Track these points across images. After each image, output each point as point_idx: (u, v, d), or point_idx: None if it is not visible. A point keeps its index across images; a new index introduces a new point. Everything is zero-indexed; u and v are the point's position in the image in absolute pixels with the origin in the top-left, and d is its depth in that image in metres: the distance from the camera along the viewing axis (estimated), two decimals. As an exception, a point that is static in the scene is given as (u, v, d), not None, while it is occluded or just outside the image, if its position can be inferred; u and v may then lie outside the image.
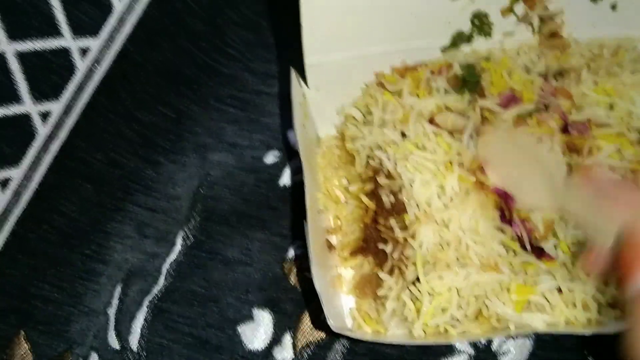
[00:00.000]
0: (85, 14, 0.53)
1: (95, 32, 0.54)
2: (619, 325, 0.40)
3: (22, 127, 0.52)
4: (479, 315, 0.47)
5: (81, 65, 0.54)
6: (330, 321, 0.44)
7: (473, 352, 0.50)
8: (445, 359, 0.50)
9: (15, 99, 0.52)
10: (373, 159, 0.52)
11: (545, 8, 0.55)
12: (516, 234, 0.46)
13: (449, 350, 0.50)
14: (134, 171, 0.59)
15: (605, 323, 0.45)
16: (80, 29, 0.53)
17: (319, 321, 0.53)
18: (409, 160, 0.49)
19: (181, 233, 0.57)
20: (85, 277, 0.56)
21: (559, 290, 0.46)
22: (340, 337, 0.51)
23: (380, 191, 0.51)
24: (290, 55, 0.64)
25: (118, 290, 0.55)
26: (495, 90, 0.52)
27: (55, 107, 0.54)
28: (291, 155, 0.60)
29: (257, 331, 0.53)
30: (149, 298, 0.54)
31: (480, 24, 0.55)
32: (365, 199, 0.52)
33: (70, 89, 0.54)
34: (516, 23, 0.56)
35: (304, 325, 0.53)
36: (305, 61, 0.52)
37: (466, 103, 0.52)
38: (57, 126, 0.54)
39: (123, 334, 0.53)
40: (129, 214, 0.58)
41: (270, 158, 0.60)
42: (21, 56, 0.51)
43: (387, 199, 0.50)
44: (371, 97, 0.56)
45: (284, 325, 0.53)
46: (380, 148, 0.51)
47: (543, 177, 0.46)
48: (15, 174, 0.53)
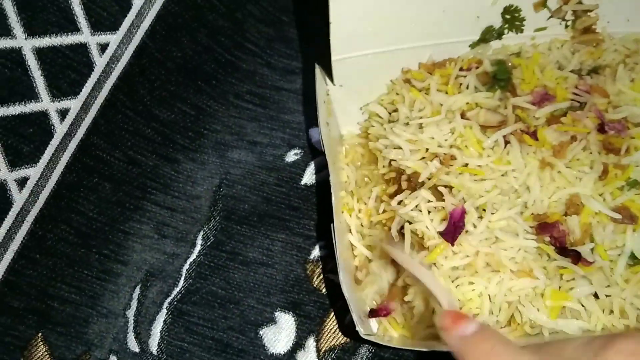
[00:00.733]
0: (104, 9, 0.52)
1: (114, 28, 0.53)
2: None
3: (40, 125, 0.51)
4: (512, 321, 0.45)
5: (99, 62, 0.53)
6: (360, 328, 0.43)
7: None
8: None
9: (33, 96, 0.50)
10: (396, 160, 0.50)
11: (579, 2, 0.53)
12: (552, 237, 0.44)
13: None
14: (153, 169, 0.57)
15: (644, 330, 0.43)
16: (99, 25, 0.52)
17: (343, 324, 0.52)
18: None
19: (201, 233, 0.56)
20: (103, 278, 0.55)
21: (596, 296, 0.44)
22: (366, 341, 0.50)
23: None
24: (312, 50, 0.63)
25: (137, 291, 0.54)
26: (526, 88, 0.51)
27: (73, 105, 0.52)
28: (313, 154, 0.58)
29: (280, 334, 0.51)
30: (169, 300, 0.53)
31: (512, 18, 0.53)
32: (388, 201, 0.51)
33: (88, 85, 0.53)
34: (548, 18, 0.54)
35: (328, 328, 0.52)
36: (332, 57, 0.50)
37: (497, 100, 0.50)
38: (75, 124, 0.53)
39: (142, 337, 0.52)
40: (148, 213, 0.57)
41: (292, 156, 0.58)
42: (39, 52, 0.50)
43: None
44: (397, 94, 0.54)
45: (307, 328, 0.51)
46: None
47: None
48: (33, 172, 0.51)
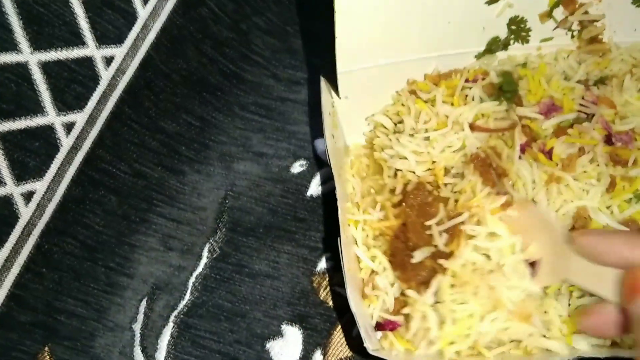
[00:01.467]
0: (110, 22, 0.52)
1: (119, 41, 0.53)
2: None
3: (46, 139, 0.51)
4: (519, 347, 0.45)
5: (105, 75, 0.53)
6: (367, 344, 0.42)
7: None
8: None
9: (39, 110, 0.50)
10: (402, 170, 0.50)
11: (585, 12, 0.52)
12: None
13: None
14: (158, 182, 0.57)
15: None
16: (104, 38, 0.52)
17: (351, 337, 0.51)
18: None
19: (207, 245, 0.56)
20: (109, 291, 0.55)
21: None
22: (373, 357, 0.50)
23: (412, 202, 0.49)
24: (317, 62, 0.63)
25: (143, 304, 0.54)
26: (533, 99, 0.50)
27: (79, 118, 0.52)
28: (319, 165, 0.58)
29: (287, 348, 0.51)
30: (175, 313, 0.53)
31: (517, 29, 0.53)
32: (393, 211, 0.50)
33: (94, 99, 0.53)
34: (553, 28, 0.54)
35: (335, 341, 0.52)
36: (338, 69, 0.50)
37: (504, 110, 0.50)
38: (81, 137, 0.53)
39: (149, 351, 0.52)
40: (154, 226, 0.57)
41: (297, 168, 0.58)
42: (44, 66, 0.50)
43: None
44: (402, 105, 0.54)
45: (314, 341, 0.51)
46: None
47: (546, 243, 0.44)
48: (39, 186, 0.51)
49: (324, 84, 0.53)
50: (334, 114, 0.54)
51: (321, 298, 0.53)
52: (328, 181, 0.57)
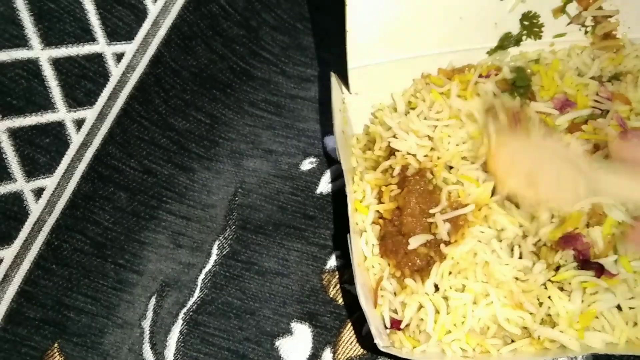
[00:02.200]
0: (120, 18, 0.52)
1: (130, 37, 0.53)
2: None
3: (56, 135, 0.51)
4: (531, 340, 0.44)
5: (115, 71, 0.53)
6: (378, 341, 0.42)
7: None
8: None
9: (50, 106, 0.50)
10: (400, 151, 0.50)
11: (599, 8, 0.52)
12: (575, 249, 0.43)
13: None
14: (168, 179, 0.57)
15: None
16: (114, 34, 0.52)
17: (360, 335, 0.51)
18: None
19: (217, 242, 0.55)
20: (119, 288, 0.54)
21: (619, 308, 0.43)
22: (384, 353, 0.49)
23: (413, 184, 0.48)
24: (327, 57, 0.62)
25: (153, 301, 0.54)
26: (546, 95, 0.50)
27: (89, 114, 0.52)
28: (329, 162, 0.58)
29: (296, 346, 0.51)
30: (184, 310, 0.53)
31: (530, 25, 0.52)
32: (388, 194, 0.49)
33: (104, 95, 0.53)
34: (567, 24, 0.53)
35: (345, 339, 0.51)
36: (349, 65, 0.50)
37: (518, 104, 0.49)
38: (91, 134, 0.53)
39: (158, 348, 0.52)
40: (163, 223, 0.57)
41: (307, 165, 0.58)
42: (55, 63, 0.50)
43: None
44: (415, 97, 0.53)
45: (323, 339, 0.51)
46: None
47: (566, 169, 0.44)
48: (50, 182, 0.51)
49: (334, 80, 0.52)
50: (344, 111, 0.54)
51: (331, 296, 0.53)
52: (338, 178, 0.56)
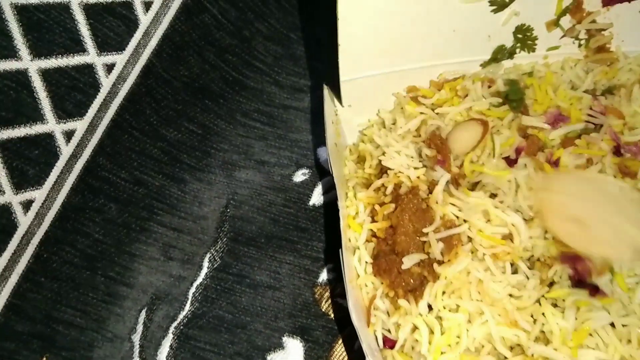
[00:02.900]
0: (111, 29, 0.51)
1: (120, 48, 0.52)
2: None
3: (46, 147, 0.50)
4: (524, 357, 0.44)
5: (106, 82, 0.52)
6: (370, 359, 0.41)
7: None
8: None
9: (39, 118, 0.50)
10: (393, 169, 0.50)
11: (593, 21, 0.51)
12: (574, 269, 0.43)
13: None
14: (159, 190, 0.57)
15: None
16: (105, 45, 0.51)
17: (352, 350, 0.51)
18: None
19: (208, 255, 0.55)
20: (109, 301, 0.54)
21: (612, 325, 0.43)
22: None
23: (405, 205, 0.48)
24: (320, 68, 0.62)
25: (143, 315, 0.53)
26: (539, 108, 0.50)
27: (79, 126, 0.52)
28: (321, 174, 0.57)
29: (288, 361, 0.50)
30: (175, 324, 0.52)
31: (524, 37, 0.52)
32: (382, 213, 0.49)
33: (94, 106, 0.52)
34: (560, 37, 0.53)
35: (337, 354, 0.51)
36: (341, 77, 0.50)
37: (509, 119, 0.49)
38: (81, 145, 0.52)
39: (148, 362, 0.51)
40: (154, 235, 0.56)
41: (300, 176, 0.58)
42: (44, 74, 0.49)
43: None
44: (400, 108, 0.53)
45: (315, 354, 0.50)
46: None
47: (620, 217, 0.42)
48: (38, 195, 0.51)
49: (327, 93, 0.52)
50: (337, 123, 0.54)
51: (323, 310, 0.52)
52: (330, 190, 0.56)
